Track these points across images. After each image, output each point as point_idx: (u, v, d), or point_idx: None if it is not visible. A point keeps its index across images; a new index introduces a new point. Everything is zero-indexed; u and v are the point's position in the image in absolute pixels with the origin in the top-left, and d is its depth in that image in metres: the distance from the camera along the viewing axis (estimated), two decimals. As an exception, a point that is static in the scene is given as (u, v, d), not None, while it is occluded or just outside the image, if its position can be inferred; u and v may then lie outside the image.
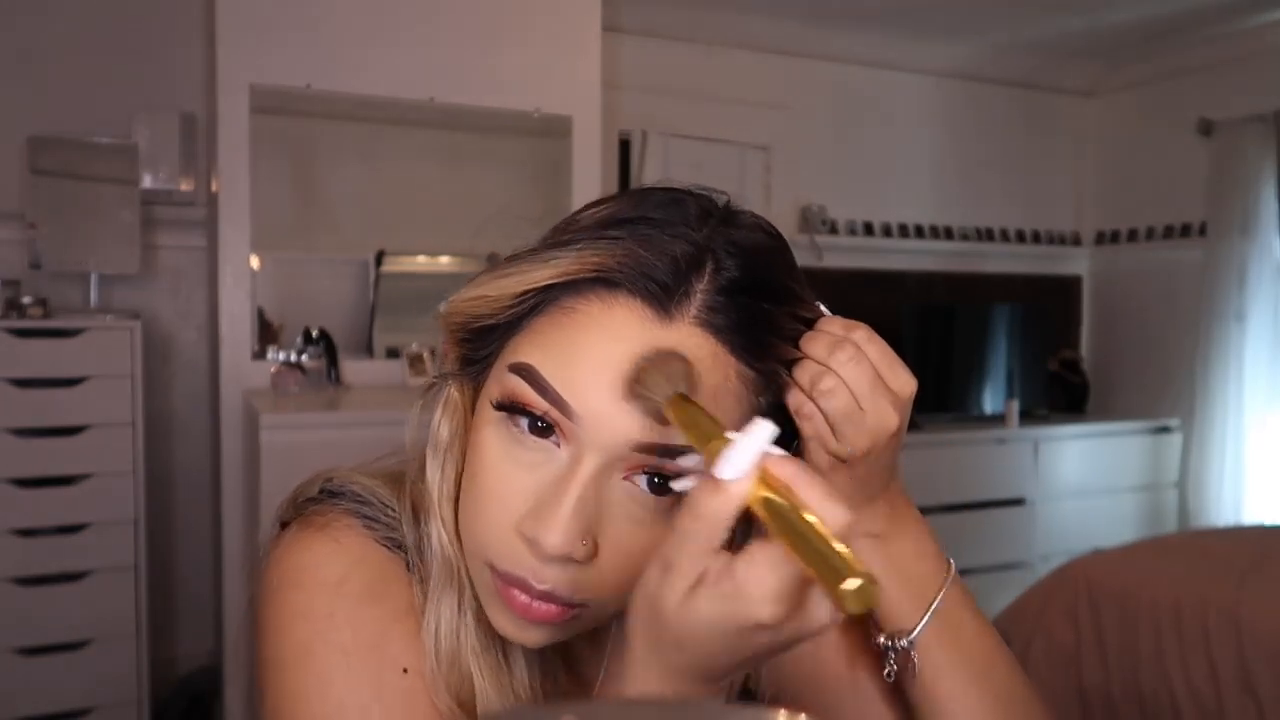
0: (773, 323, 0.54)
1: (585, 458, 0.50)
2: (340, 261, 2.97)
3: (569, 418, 0.50)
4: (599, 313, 0.51)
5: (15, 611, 2.30)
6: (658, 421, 0.49)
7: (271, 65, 2.55)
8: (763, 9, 3.54)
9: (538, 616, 0.52)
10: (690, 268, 0.52)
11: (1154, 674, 2.06)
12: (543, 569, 0.51)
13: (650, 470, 0.51)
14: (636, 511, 0.51)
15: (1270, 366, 3.67)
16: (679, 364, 0.49)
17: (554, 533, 0.49)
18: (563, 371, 0.51)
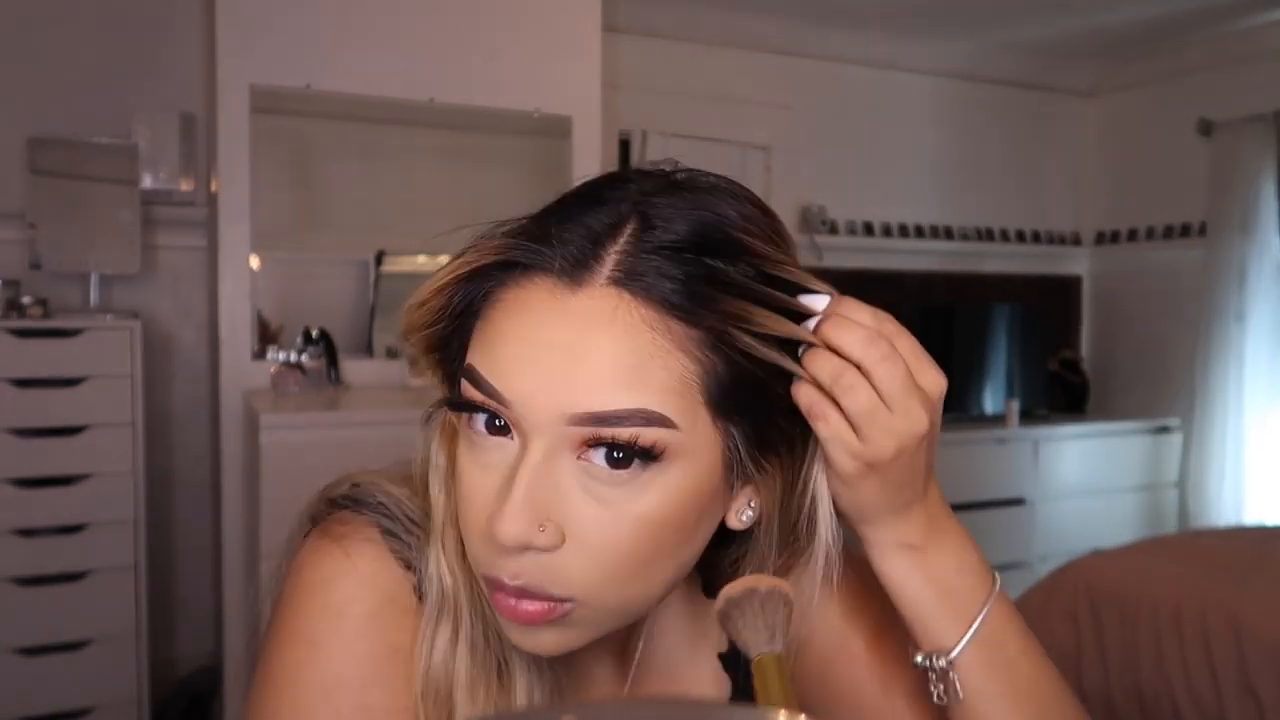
0: (717, 277, 0.49)
1: (531, 442, 0.49)
2: (340, 261, 2.97)
3: (504, 405, 0.49)
4: (513, 296, 0.50)
5: (15, 611, 2.30)
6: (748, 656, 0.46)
7: (271, 65, 2.55)
8: (763, 9, 3.54)
9: (526, 617, 0.50)
10: (605, 232, 0.50)
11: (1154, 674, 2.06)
12: (510, 563, 0.49)
13: (603, 443, 0.48)
14: (597, 489, 0.49)
15: (1270, 366, 3.67)
16: (780, 606, 0.46)
17: (506, 522, 0.48)
18: (491, 363, 0.50)
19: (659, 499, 0.49)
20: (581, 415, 0.48)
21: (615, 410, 0.48)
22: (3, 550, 2.29)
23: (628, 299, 0.49)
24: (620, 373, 0.48)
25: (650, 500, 0.49)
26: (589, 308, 0.49)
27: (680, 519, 0.51)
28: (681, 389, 0.49)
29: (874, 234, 3.92)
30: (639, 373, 0.48)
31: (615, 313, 0.48)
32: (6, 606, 2.29)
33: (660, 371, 0.48)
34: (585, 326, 0.48)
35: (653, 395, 0.48)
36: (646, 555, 0.50)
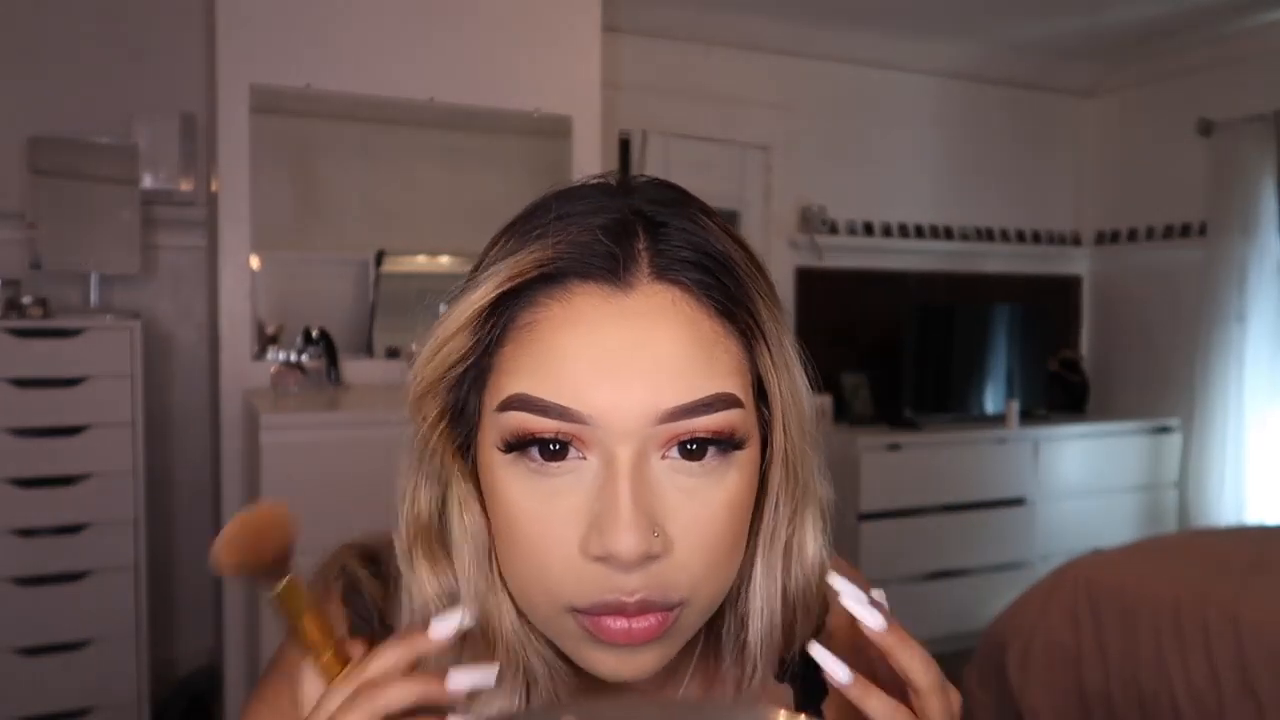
0: (726, 260, 0.51)
1: (618, 453, 0.48)
2: (340, 261, 2.97)
3: (583, 423, 0.48)
4: (560, 311, 0.49)
5: (15, 611, 2.30)
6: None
7: (271, 65, 2.55)
8: (763, 9, 3.54)
9: (643, 636, 0.48)
10: (623, 232, 0.50)
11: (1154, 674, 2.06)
12: (628, 580, 0.47)
13: (684, 439, 0.49)
14: (685, 483, 0.49)
15: (1270, 366, 3.67)
16: (275, 530, 0.50)
17: (625, 538, 0.46)
18: (554, 383, 0.48)
19: (737, 481, 0.50)
20: (668, 411, 0.48)
21: (700, 399, 0.48)
22: (3, 550, 2.29)
23: (676, 292, 0.49)
24: (695, 362, 0.48)
25: (731, 484, 0.50)
26: (648, 306, 0.49)
27: (750, 499, 0.52)
28: (740, 371, 0.50)
29: (874, 234, 3.92)
30: (708, 360, 0.49)
31: (674, 306, 0.49)
32: (6, 606, 2.29)
33: (724, 355, 0.50)
34: (650, 325, 0.48)
35: (725, 379, 0.49)
36: (734, 539, 0.51)
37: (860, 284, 3.89)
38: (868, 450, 3.33)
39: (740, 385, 0.50)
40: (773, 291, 0.54)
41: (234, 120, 2.53)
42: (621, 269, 0.49)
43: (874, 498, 3.33)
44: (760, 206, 3.74)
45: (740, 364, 0.51)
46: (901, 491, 3.40)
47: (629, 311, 0.48)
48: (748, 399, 0.51)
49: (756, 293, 0.52)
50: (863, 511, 3.31)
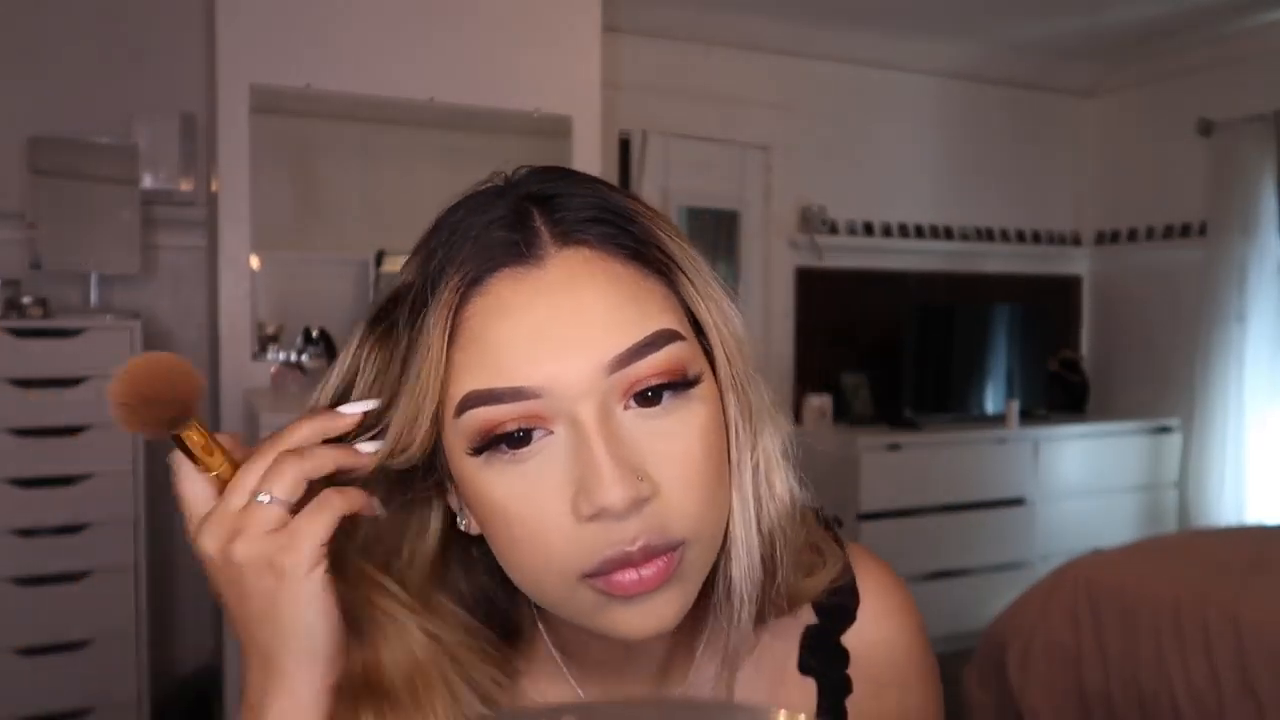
0: (624, 209, 0.53)
1: (579, 414, 0.49)
2: (340, 261, 2.97)
3: (536, 396, 0.49)
4: (484, 305, 0.50)
5: (15, 611, 2.30)
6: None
7: (271, 65, 2.55)
8: (763, 9, 3.54)
9: (654, 581, 0.49)
10: (517, 217, 0.51)
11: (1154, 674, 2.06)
12: (626, 529, 0.48)
13: (638, 387, 0.50)
14: (656, 427, 0.50)
15: (1270, 366, 3.67)
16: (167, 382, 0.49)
17: (612, 489, 0.47)
18: (496, 371, 0.49)
19: (702, 413, 0.52)
20: (613, 360, 0.49)
21: (639, 341, 0.49)
22: (3, 550, 2.29)
23: (586, 251, 0.51)
24: (623, 309, 0.50)
25: (697, 417, 0.51)
26: (562, 272, 0.50)
27: (720, 428, 0.53)
28: (671, 308, 0.52)
29: (874, 234, 3.92)
30: (635, 303, 0.50)
31: (587, 264, 0.51)
32: (6, 606, 2.29)
33: (649, 296, 0.51)
34: (571, 289, 0.50)
35: (658, 316, 0.51)
36: (717, 470, 0.52)
37: (860, 284, 3.89)
38: (868, 450, 3.33)
39: (675, 320, 0.52)
40: (679, 233, 0.55)
41: (234, 120, 2.53)
42: (525, 248, 0.50)
43: (874, 498, 3.33)
44: (760, 206, 3.74)
45: (668, 301, 0.52)
46: (901, 491, 3.40)
47: (546, 283, 0.50)
48: (687, 332, 0.52)
49: (663, 233, 0.53)
50: (863, 511, 3.31)
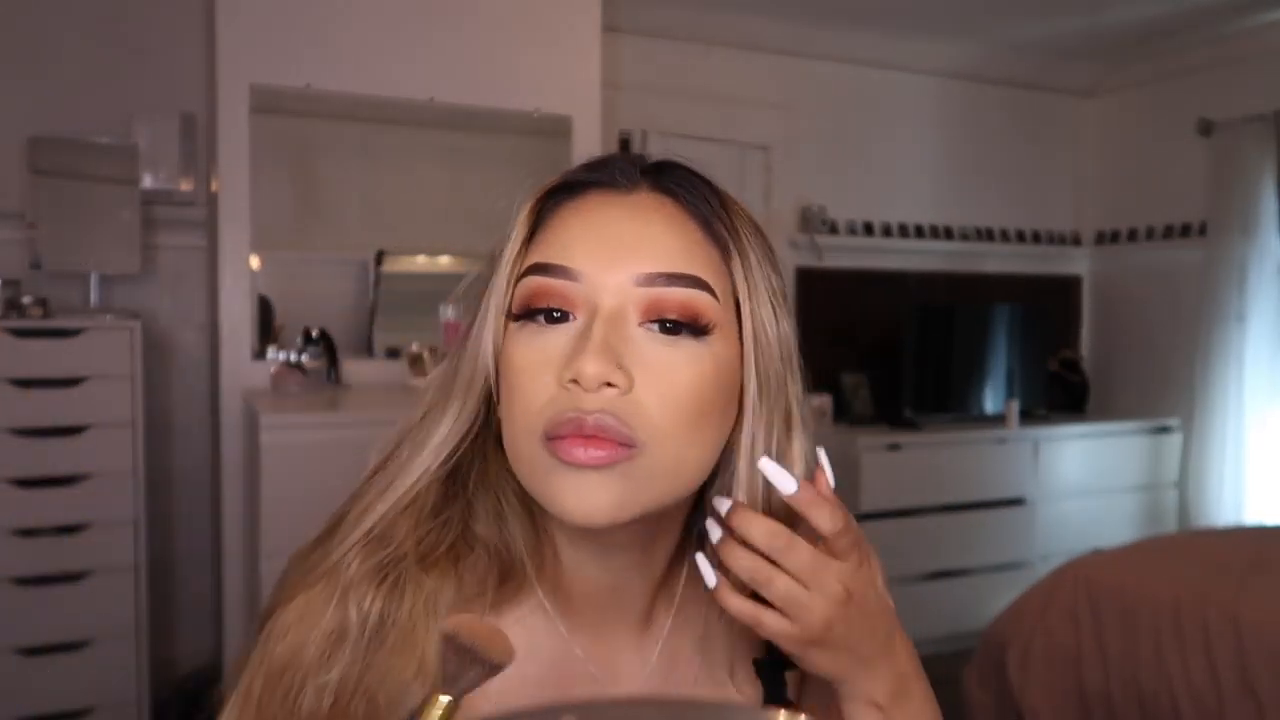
0: (714, 189, 0.63)
1: (600, 305, 0.57)
2: (340, 261, 2.97)
3: (574, 279, 0.57)
4: (573, 206, 0.61)
5: (15, 611, 2.30)
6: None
7: (271, 65, 2.55)
8: (763, 9, 3.54)
9: (597, 460, 0.54)
10: (631, 162, 0.62)
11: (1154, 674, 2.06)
12: (590, 400, 0.54)
13: (659, 312, 0.57)
14: (660, 351, 0.57)
15: (1270, 366, 3.67)
16: (473, 663, 0.50)
17: (590, 361, 0.54)
18: (559, 249, 0.59)
19: (710, 365, 0.58)
20: (648, 275, 0.57)
21: (675, 271, 0.58)
22: (3, 550, 2.29)
23: (668, 201, 0.61)
24: (674, 247, 0.59)
25: (702, 364, 0.58)
26: (641, 201, 0.60)
27: (718, 393, 0.59)
28: (716, 272, 0.60)
29: (874, 234, 3.92)
30: (688, 252, 0.59)
31: (661, 205, 0.60)
32: (6, 606, 2.29)
33: (701, 253, 0.59)
34: (640, 212, 0.60)
35: (699, 267, 0.59)
36: (698, 410, 0.57)
37: (860, 284, 3.89)
38: (868, 450, 3.33)
39: (715, 281, 0.59)
40: (760, 239, 0.63)
41: (234, 120, 2.53)
42: (624, 178, 0.61)
43: (874, 498, 3.33)
44: (760, 206, 3.74)
45: (718, 270, 0.60)
46: (901, 491, 3.40)
47: (627, 204, 0.60)
48: (723, 299, 0.59)
49: (739, 224, 0.62)
50: (863, 511, 3.31)
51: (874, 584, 0.61)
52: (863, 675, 0.60)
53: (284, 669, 0.58)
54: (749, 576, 0.57)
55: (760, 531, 0.56)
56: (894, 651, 0.61)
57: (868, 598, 0.59)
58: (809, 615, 0.56)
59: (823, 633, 0.57)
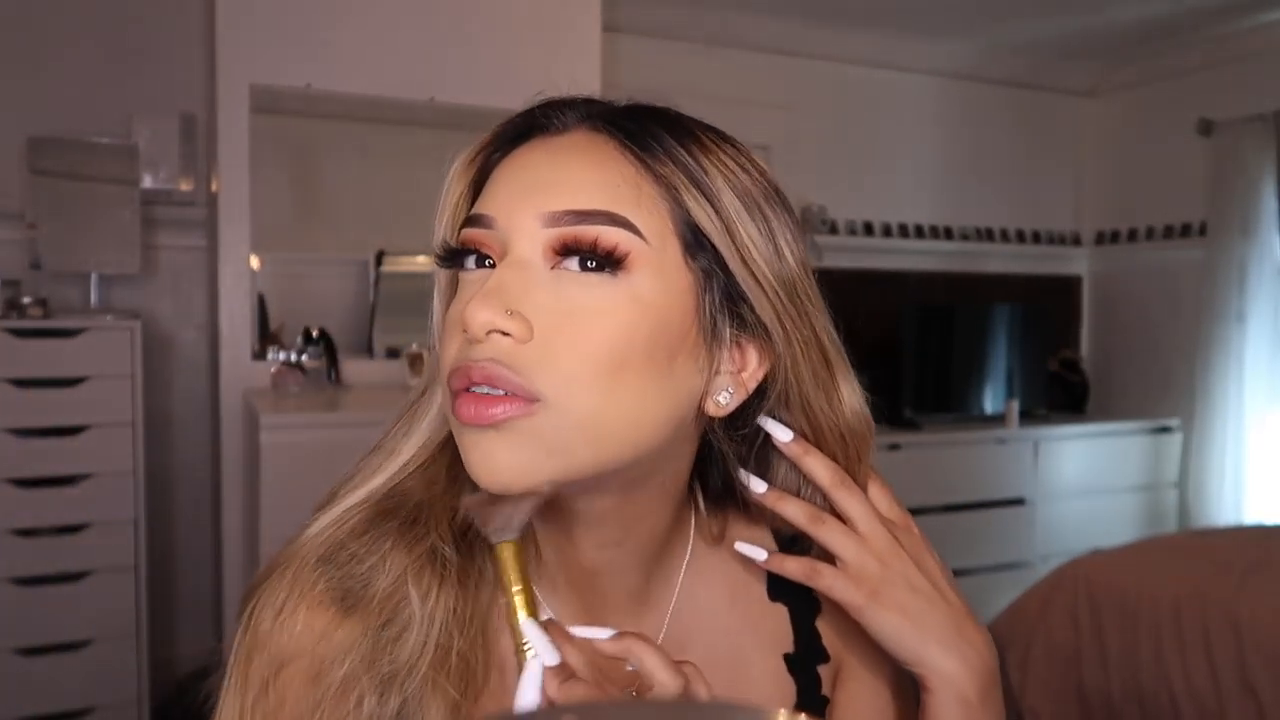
0: (664, 123, 0.58)
1: (510, 248, 0.53)
2: (340, 261, 2.97)
3: (488, 226, 0.54)
4: (508, 158, 0.58)
5: (15, 611, 2.30)
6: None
7: (271, 65, 2.55)
8: (763, 9, 3.54)
9: (485, 417, 0.50)
10: (580, 107, 0.59)
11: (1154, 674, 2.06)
12: (480, 350, 0.51)
13: (576, 249, 0.52)
14: (570, 292, 0.52)
15: (1270, 366, 3.67)
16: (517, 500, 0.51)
17: (474, 308, 0.50)
18: (482, 198, 0.56)
19: (628, 309, 0.52)
20: (555, 214, 0.52)
21: (586, 208, 0.52)
22: (3, 550, 2.29)
23: (603, 136, 0.56)
24: (593, 182, 0.53)
25: (620, 308, 0.52)
26: (569, 141, 0.56)
27: (648, 338, 0.52)
28: (653, 210, 0.54)
29: (874, 234, 3.92)
30: (611, 188, 0.53)
31: (592, 143, 0.56)
32: (6, 606, 2.29)
33: (630, 191, 0.53)
34: (564, 154, 0.55)
35: (623, 205, 0.53)
36: (614, 362, 0.51)
37: (860, 284, 3.89)
38: (868, 450, 3.33)
39: (646, 222, 0.53)
40: (754, 180, 0.57)
41: (234, 120, 2.53)
42: (558, 120, 0.58)
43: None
44: (760, 206, 3.74)
45: (654, 204, 0.54)
46: (901, 491, 3.29)
47: (553, 146, 0.56)
48: (655, 236, 0.53)
49: (708, 161, 0.55)
50: (863, 511, 3.31)
51: (930, 551, 0.62)
52: (942, 658, 0.58)
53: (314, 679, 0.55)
54: (801, 518, 0.59)
55: (821, 464, 0.60)
56: (973, 640, 0.59)
57: (925, 561, 0.61)
58: (862, 560, 0.59)
59: (878, 581, 0.58)
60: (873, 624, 0.59)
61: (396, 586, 0.56)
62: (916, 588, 0.59)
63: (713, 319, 0.55)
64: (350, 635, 0.55)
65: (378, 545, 0.57)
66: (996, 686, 0.60)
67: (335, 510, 0.59)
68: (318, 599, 0.56)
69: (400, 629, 0.55)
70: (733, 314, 0.56)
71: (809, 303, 0.57)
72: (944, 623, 0.59)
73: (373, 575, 0.56)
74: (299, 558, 0.58)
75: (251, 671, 0.56)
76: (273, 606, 0.57)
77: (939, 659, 0.58)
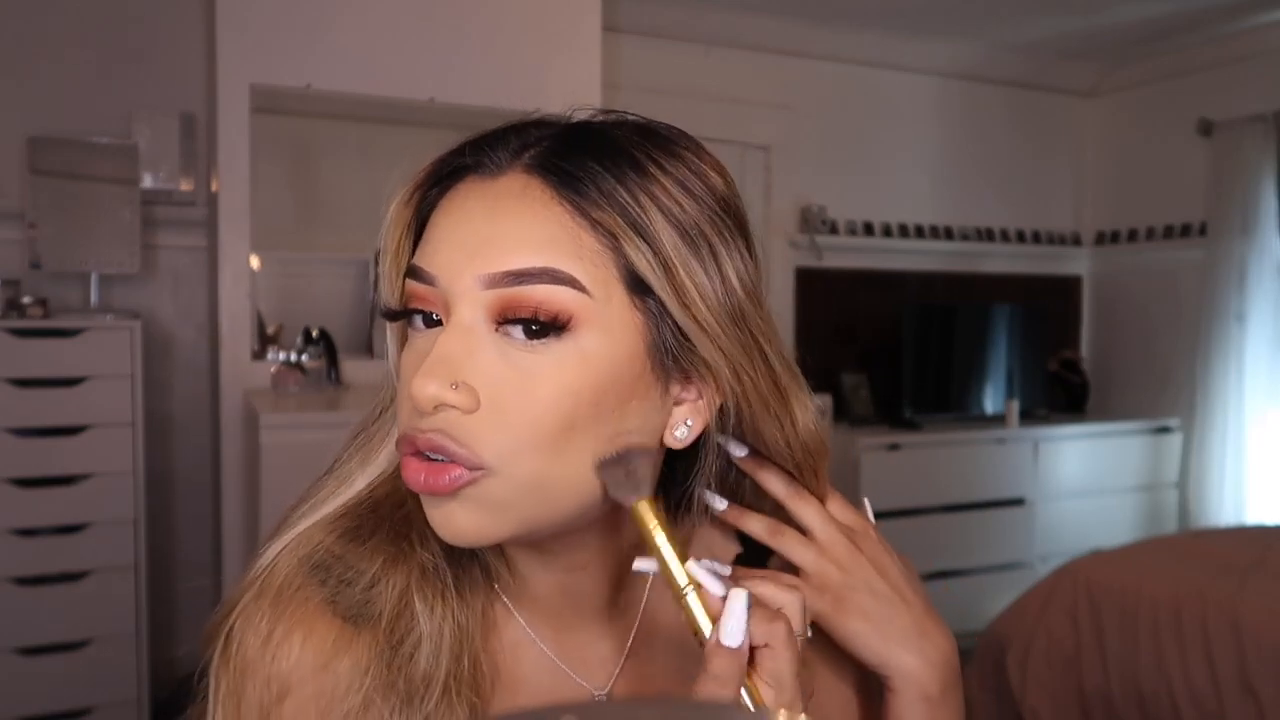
0: (602, 155, 0.53)
1: (455, 311, 0.52)
2: (340, 261, 2.97)
3: (430, 283, 0.53)
4: (448, 201, 0.55)
5: (15, 611, 2.30)
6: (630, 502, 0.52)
7: (271, 65, 2.55)
8: (763, 9, 3.54)
9: (436, 487, 0.51)
10: (521, 145, 0.54)
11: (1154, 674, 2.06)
12: (428, 422, 0.51)
13: (518, 317, 0.51)
14: (515, 357, 0.51)
15: (1270, 366, 3.67)
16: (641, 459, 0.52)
17: (420, 382, 0.50)
18: (422, 252, 0.54)
19: (575, 370, 0.51)
20: (495, 275, 0.51)
21: (526, 268, 0.50)
22: (3, 550, 2.29)
23: (538, 182, 0.53)
24: (531, 239, 0.51)
25: (566, 370, 0.51)
26: (505, 188, 0.53)
27: (596, 393, 0.52)
28: (595, 260, 0.51)
29: (874, 234, 3.92)
30: (550, 242, 0.51)
31: (526, 190, 0.52)
32: (6, 606, 2.29)
33: (570, 243, 0.51)
34: (499, 201, 0.52)
35: (563, 259, 0.51)
36: (560, 425, 0.51)
37: (860, 284, 3.89)
38: (868, 450, 3.33)
39: (589, 274, 0.51)
40: (700, 206, 0.54)
41: (234, 120, 2.53)
42: (492, 161, 0.54)
43: (874, 498, 3.24)
44: (760, 206, 3.74)
45: (591, 254, 0.51)
46: (901, 491, 3.40)
47: (488, 193, 0.53)
48: (598, 287, 0.51)
49: (646, 199, 0.52)
50: (863, 511, 3.31)
51: (890, 554, 0.63)
52: (904, 658, 0.60)
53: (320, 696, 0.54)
54: (761, 532, 0.61)
55: (776, 477, 0.61)
56: (933, 636, 0.61)
57: (884, 565, 0.62)
58: (822, 568, 0.60)
59: (840, 587, 0.60)
60: (837, 630, 0.61)
61: (403, 604, 0.56)
62: (877, 592, 0.61)
63: (665, 355, 0.54)
64: (359, 659, 0.54)
65: (368, 564, 0.56)
66: (957, 680, 0.62)
67: (289, 536, 0.59)
68: (315, 620, 0.55)
69: (413, 647, 0.55)
70: (685, 347, 0.54)
71: (758, 332, 0.55)
72: (905, 624, 0.61)
73: (373, 595, 0.56)
74: (273, 586, 0.57)
75: (245, 701, 0.55)
76: (257, 631, 0.55)
77: (901, 659, 0.60)
